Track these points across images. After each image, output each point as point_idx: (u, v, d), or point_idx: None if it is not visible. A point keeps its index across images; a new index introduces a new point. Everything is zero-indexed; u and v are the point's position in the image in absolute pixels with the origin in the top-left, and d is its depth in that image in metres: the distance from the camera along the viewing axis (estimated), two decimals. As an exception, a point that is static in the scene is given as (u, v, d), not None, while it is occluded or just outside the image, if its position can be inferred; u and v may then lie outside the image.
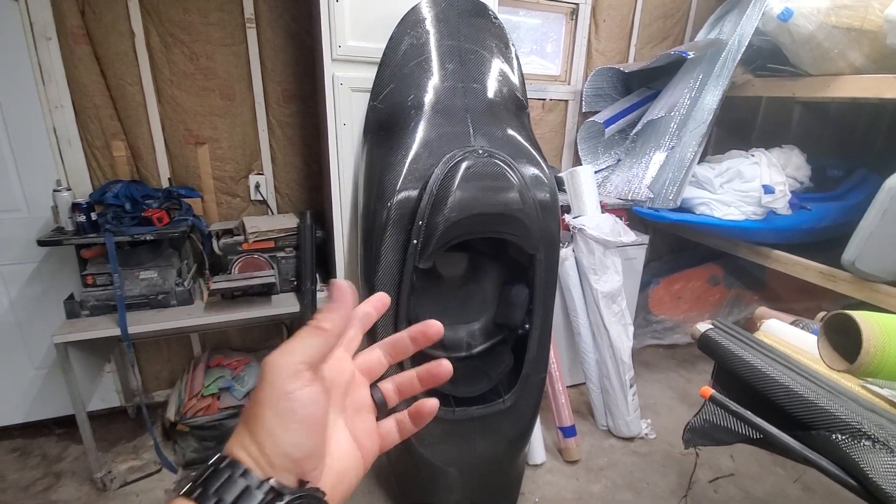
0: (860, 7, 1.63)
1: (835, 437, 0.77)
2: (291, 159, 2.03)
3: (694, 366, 2.54)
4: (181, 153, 1.86)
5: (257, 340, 2.21)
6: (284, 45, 1.87)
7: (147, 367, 2.05)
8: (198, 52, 1.77)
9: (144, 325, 1.55)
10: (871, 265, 1.70)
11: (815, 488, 1.72)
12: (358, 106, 1.48)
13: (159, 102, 1.77)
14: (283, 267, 1.81)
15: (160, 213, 1.64)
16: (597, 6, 2.33)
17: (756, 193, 2.03)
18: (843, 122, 2.96)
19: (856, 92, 1.78)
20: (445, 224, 1.21)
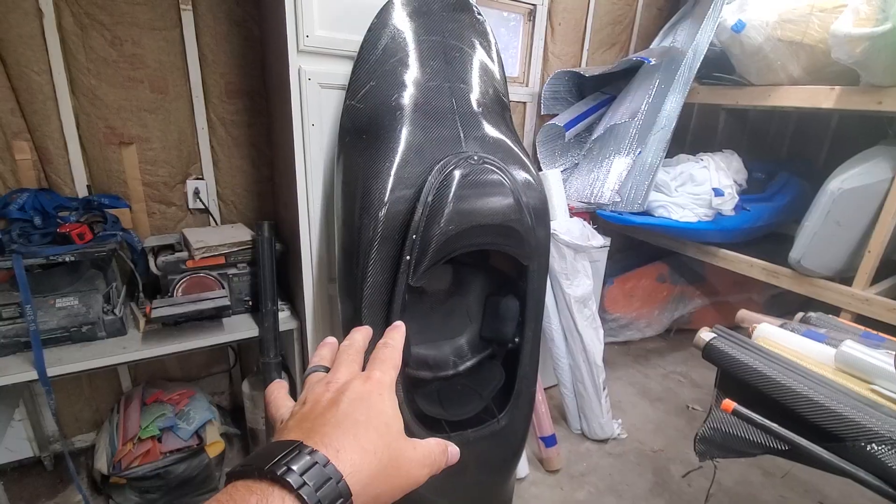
0: (802, 22, 1.75)
1: (871, 447, 0.78)
2: (237, 162, 1.80)
3: (648, 360, 2.65)
4: (102, 155, 1.57)
5: (200, 367, 1.95)
6: (228, 33, 1.65)
7: (65, 408, 1.72)
8: (121, 35, 1.50)
9: (67, 365, 1.28)
10: (815, 263, 1.84)
11: (773, 473, 1.84)
12: (329, 104, 1.32)
13: (73, 94, 1.47)
14: (236, 286, 1.59)
15: (81, 229, 1.36)
16: (553, 9, 2.33)
17: (707, 196, 2.14)
18: (758, 128, 3.26)
19: (795, 101, 1.93)
20: (442, 238, 1.11)
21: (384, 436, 0.33)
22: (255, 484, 0.27)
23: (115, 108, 1.54)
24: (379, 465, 0.31)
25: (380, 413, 0.34)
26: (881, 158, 1.75)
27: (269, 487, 0.26)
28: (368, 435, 0.32)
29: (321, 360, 0.41)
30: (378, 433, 0.32)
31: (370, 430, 0.32)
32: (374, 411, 0.33)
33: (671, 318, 2.78)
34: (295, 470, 0.27)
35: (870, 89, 1.70)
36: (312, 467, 0.27)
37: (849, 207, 1.74)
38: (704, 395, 2.34)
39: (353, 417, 0.32)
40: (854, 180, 1.72)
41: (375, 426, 0.33)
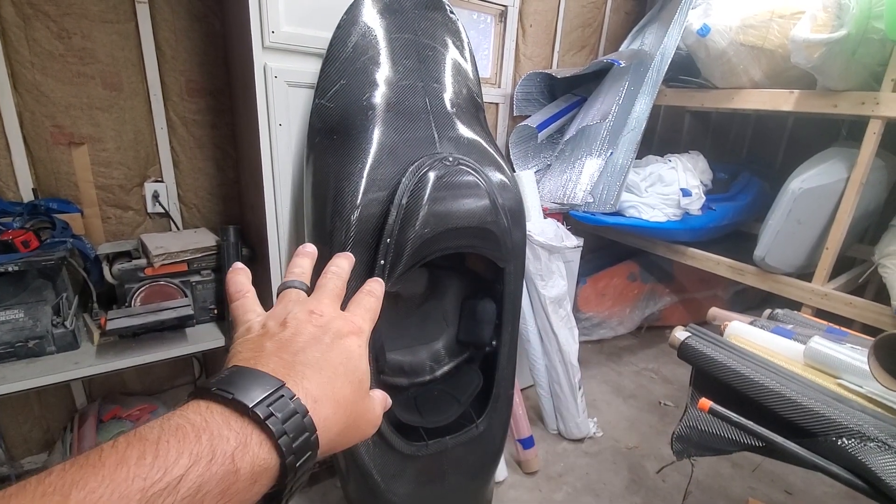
0: (763, 28, 1.81)
1: (841, 442, 0.80)
2: (200, 164, 1.71)
3: (621, 358, 2.69)
4: (49, 156, 1.46)
5: (162, 380, 1.84)
6: (188, 28, 1.56)
7: (11, 429, 1.59)
8: (69, 28, 1.40)
9: (12, 384, 1.18)
10: (778, 260, 1.91)
11: (742, 465, 1.89)
12: (296, 103, 1.27)
13: (15, 91, 1.36)
14: (200, 293, 1.51)
15: (25, 236, 1.26)
16: (524, 11, 2.33)
17: (675, 196, 2.19)
18: (720, 130, 3.37)
19: (756, 104, 1.99)
20: (418, 241, 1.08)
21: (356, 392, 0.32)
22: (234, 418, 0.26)
23: (64, 105, 1.44)
24: (346, 422, 0.31)
25: (356, 366, 0.33)
26: (837, 159, 1.82)
27: (249, 428, 0.25)
28: (344, 389, 0.31)
29: (300, 274, 0.40)
30: (352, 388, 0.32)
31: (346, 383, 0.32)
32: (352, 362, 0.33)
33: (642, 315, 2.84)
34: (278, 417, 0.26)
35: (826, 93, 1.77)
36: (293, 417, 0.27)
37: (809, 206, 1.81)
38: (676, 390, 2.39)
39: (334, 364, 0.32)
40: (813, 180, 1.78)
41: (351, 380, 0.32)
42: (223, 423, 0.25)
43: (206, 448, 0.24)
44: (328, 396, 0.30)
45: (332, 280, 0.39)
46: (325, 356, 0.32)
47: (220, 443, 0.24)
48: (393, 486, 1.24)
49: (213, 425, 0.25)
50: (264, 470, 0.25)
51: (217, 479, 0.23)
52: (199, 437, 0.24)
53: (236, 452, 0.24)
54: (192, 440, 0.24)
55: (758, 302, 3.25)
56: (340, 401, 0.31)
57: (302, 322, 0.33)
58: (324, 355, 0.32)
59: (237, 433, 0.25)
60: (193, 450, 0.23)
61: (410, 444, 1.24)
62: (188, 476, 0.22)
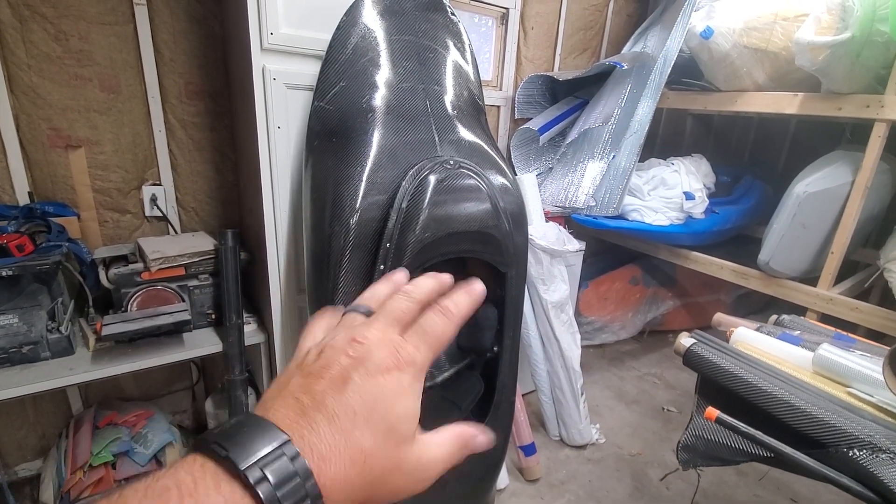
0: (766, 30, 1.79)
1: (852, 453, 0.77)
2: (199, 167, 1.70)
3: (623, 363, 2.66)
4: (45, 159, 1.45)
5: (159, 385, 1.83)
6: (187, 30, 1.55)
7: (6, 436, 1.57)
8: (67, 30, 1.39)
9: (5, 390, 1.16)
10: (782, 264, 1.88)
11: (748, 473, 1.86)
12: (295, 105, 1.26)
13: (11, 93, 1.35)
14: (198, 298, 1.50)
15: (21, 240, 1.24)
16: (525, 13, 2.32)
17: (678, 200, 2.17)
18: (722, 133, 3.36)
19: (760, 107, 1.98)
20: (418, 246, 1.06)
21: (384, 441, 0.27)
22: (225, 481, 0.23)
23: (61, 108, 1.42)
24: (370, 480, 0.27)
25: (389, 408, 0.28)
26: (842, 163, 1.81)
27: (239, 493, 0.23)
28: (364, 440, 0.26)
29: (370, 299, 0.34)
30: (376, 437, 0.27)
31: (368, 431, 0.27)
32: (382, 404, 0.27)
33: (644, 320, 2.81)
34: (271, 481, 0.23)
35: (830, 96, 1.76)
36: (291, 481, 0.23)
37: (813, 210, 1.79)
38: (679, 396, 2.37)
39: (354, 409, 0.27)
40: (818, 184, 1.76)
41: (377, 427, 0.27)
42: (213, 487, 0.23)
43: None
44: (340, 451, 0.26)
45: (399, 301, 0.32)
46: (347, 398, 0.27)
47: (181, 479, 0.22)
48: (392, 494, 1.22)
49: (201, 489, 0.22)
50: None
51: None
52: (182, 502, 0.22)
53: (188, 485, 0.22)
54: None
55: (761, 306, 3.22)
56: (357, 456, 0.26)
57: (336, 352, 0.29)
58: (345, 402, 0.27)
59: (225, 500, 0.22)
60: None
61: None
62: None
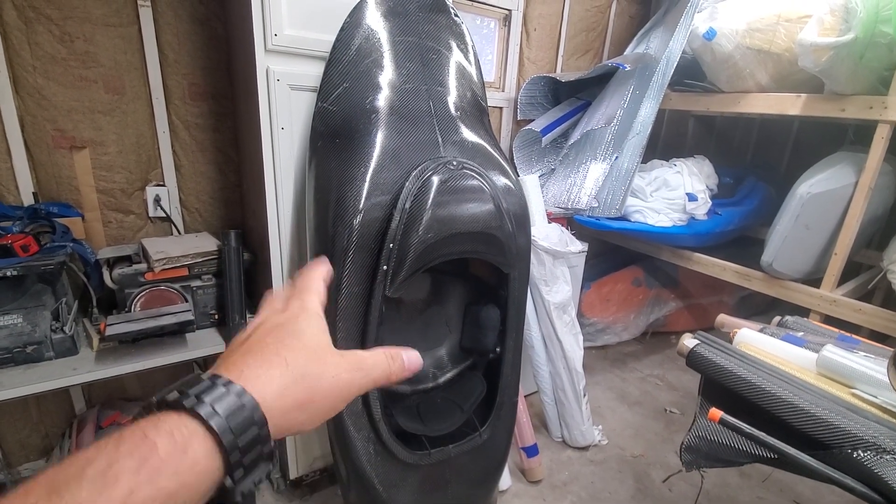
0: (769, 31, 1.79)
1: (857, 454, 0.77)
2: (202, 168, 1.70)
3: (625, 364, 2.66)
4: (50, 160, 1.45)
5: (162, 386, 1.80)
6: (191, 32, 1.56)
7: (9, 435, 1.57)
8: (72, 31, 1.39)
9: (9, 390, 1.16)
10: (785, 265, 1.88)
11: (751, 475, 1.85)
12: (299, 107, 1.26)
13: (17, 94, 1.36)
14: (201, 298, 1.50)
15: (25, 240, 1.25)
16: (528, 15, 2.33)
17: (681, 201, 2.17)
18: (724, 134, 3.35)
19: (762, 108, 1.97)
20: (421, 246, 1.06)
21: (296, 348, 0.32)
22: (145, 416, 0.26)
23: (65, 109, 1.43)
24: (293, 374, 0.30)
25: (293, 333, 0.33)
26: (845, 163, 1.80)
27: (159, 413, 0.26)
28: (278, 350, 0.31)
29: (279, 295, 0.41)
30: (289, 347, 0.32)
31: (280, 346, 0.32)
32: (285, 332, 0.33)
33: (647, 321, 2.81)
34: (186, 391, 0.26)
35: (833, 97, 1.76)
36: (197, 384, 0.27)
37: (816, 211, 1.79)
38: (681, 397, 2.36)
39: (263, 342, 0.32)
40: (821, 185, 1.76)
41: (287, 343, 0.32)
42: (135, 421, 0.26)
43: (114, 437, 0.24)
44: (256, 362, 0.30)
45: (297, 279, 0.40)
46: (255, 341, 0.32)
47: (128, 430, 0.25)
48: (395, 495, 1.22)
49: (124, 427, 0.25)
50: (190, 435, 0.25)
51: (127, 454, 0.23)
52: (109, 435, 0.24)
53: (147, 429, 0.25)
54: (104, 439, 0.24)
55: (763, 308, 3.22)
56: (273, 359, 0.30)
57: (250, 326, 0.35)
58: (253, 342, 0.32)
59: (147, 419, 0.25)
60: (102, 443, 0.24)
61: (412, 453, 1.21)
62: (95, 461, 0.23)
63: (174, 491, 0.23)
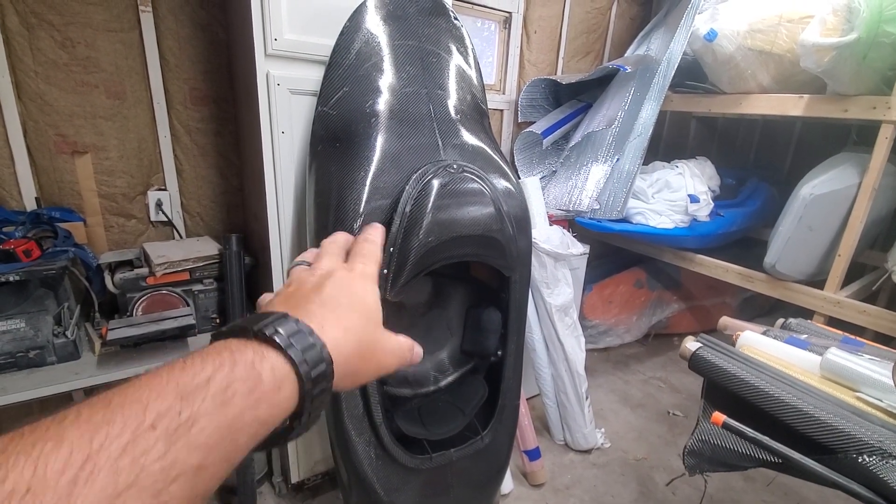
0: (771, 32, 1.79)
1: (862, 459, 0.76)
2: (203, 172, 1.70)
3: (628, 366, 2.65)
4: (52, 165, 1.46)
5: (164, 389, 1.82)
6: (192, 36, 1.56)
7: (9, 442, 1.57)
8: (73, 37, 1.40)
9: (12, 395, 1.17)
10: (788, 267, 1.87)
11: (755, 478, 1.84)
12: (299, 111, 1.26)
13: (19, 100, 1.37)
14: (202, 302, 1.50)
15: (27, 245, 1.25)
16: (528, 17, 2.33)
17: (683, 202, 2.16)
18: (726, 135, 3.34)
19: (764, 109, 1.97)
20: (422, 250, 1.06)
21: (364, 320, 0.35)
22: (248, 341, 0.29)
23: (67, 114, 1.43)
24: (358, 345, 0.34)
25: (362, 300, 0.36)
26: (848, 164, 1.79)
27: (264, 345, 0.29)
28: (350, 316, 0.34)
29: (304, 257, 0.43)
30: (359, 316, 0.35)
31: (352, 312, 0.35)
32: (356, 297, 0.36)
33: (649, 323, 2.80)
34: (282, 332, 0.29)
35: (836, 97, 1.75)
36: (297, 333, 0.30)
37: (820, 212, 1.78)
38: (684, 400, 2.35)
39: (337, 300, 0.35)
40: (824, 186, 1.75)
41: (357, 310, 0.35)
42: (239, 343, 0.28)
43: (228, 358, 0.27)
44: (334, 323, 0.33)
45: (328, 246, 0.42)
46: (330, 296, 0.35)
47: (239, 354, 0.28)
48: (396, 499, 1.21)
49: (231, 345, 0.28)
50: (284, 376, 0.28)
51: (241, 379, 0.26)
52: (219, 353, 0.27)
53: (255, 360, 0.28)
54: (213, 355, 0.27)
55: (767, 309, 3.20)
56: (348, 325, 0.33)
57: (303, 279, 0.37)
58: (328, 295, 0.35)
59: (253, 349, 0.28)
60: (216, 360, 0.27)
61: (414, 457, 1.21)
62: (215, 377, 0.26)
63: (265, 420, 0.27)
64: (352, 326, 0.34)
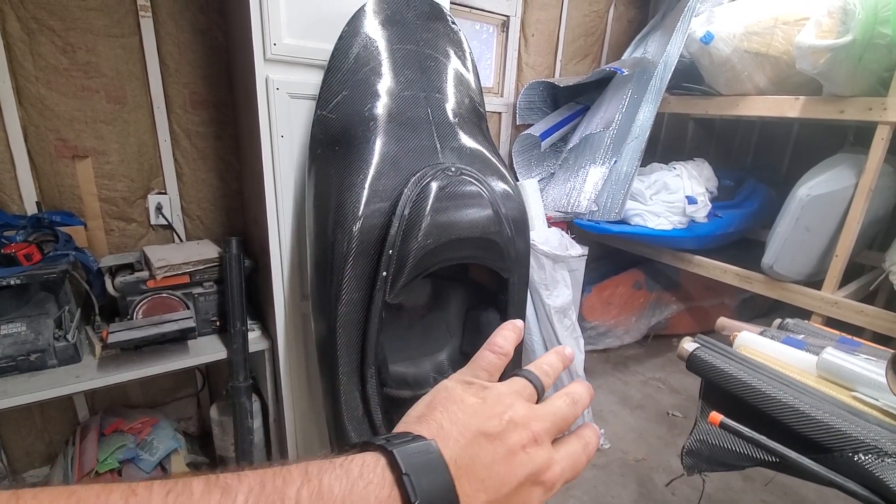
0: (767, 35, 1.80)
1: (858, 457, 0.77)
2: (203, 175, 1.71)
3: (627, 368, 2.65)
4: (53, 169, 1.47)
5: (164, 392, 1.83)
6: (192, 41, 1.58)
7: (13, 442, 1.58)
8: (74, 42, 1.41)
9: (13, 398, 1.17)
10: (786, 268, 1.88)
11: (754, 478, 1.84)
12: (298, 115, 1.27)
13: (20, 105, 1.38)
14: (202, 305, 1.51)
15: (28, 249, 1.26)
16: (525, 20, 2.34)
17: (681, 204, 2.17)
18: (724, 137, 3.35)
19: (761, 111, 1.98)
20: (420, 252, 1.07)
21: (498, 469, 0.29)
22: (383, 464, 0.27)
23: (68, 118, 1.44)
24: (487, 495, 0.28)
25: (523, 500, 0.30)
26: (845, 165, 1.80)
27: (383, 461, 0.27)
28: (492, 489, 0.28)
29: (545, 374, 0.36)
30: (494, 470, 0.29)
31: (490, 467, 0.29)
32: (523, 498, 0.29)
33: (648, 324, 2.80)
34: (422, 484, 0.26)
35: (832, 99, 1.76)
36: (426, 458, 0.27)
37: (817, 213, 1.79)
38: (684, 400, 2.35)
39: (507, 483, 0.29)
40: (821, 187, 1.76)
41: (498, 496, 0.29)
42: (370, 459, 0.27)
43: (362, 485, 0.26)
44: (471, 485, 0.28)
45: (566, 409, 0.33)
46: (503, 473, 0.29)
47: (375, 488, 0.26)
48: None
49: (363, 458, 0.27)
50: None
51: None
52: (361, 476, 0.26)
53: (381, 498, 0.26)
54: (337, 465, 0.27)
55: (765, 310, 3.21)
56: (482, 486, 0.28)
57: (519, 436, 0.30)
58: (503, 472, 0.29)
59: (373, 464, 0.27)
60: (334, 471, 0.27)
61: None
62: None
63: None
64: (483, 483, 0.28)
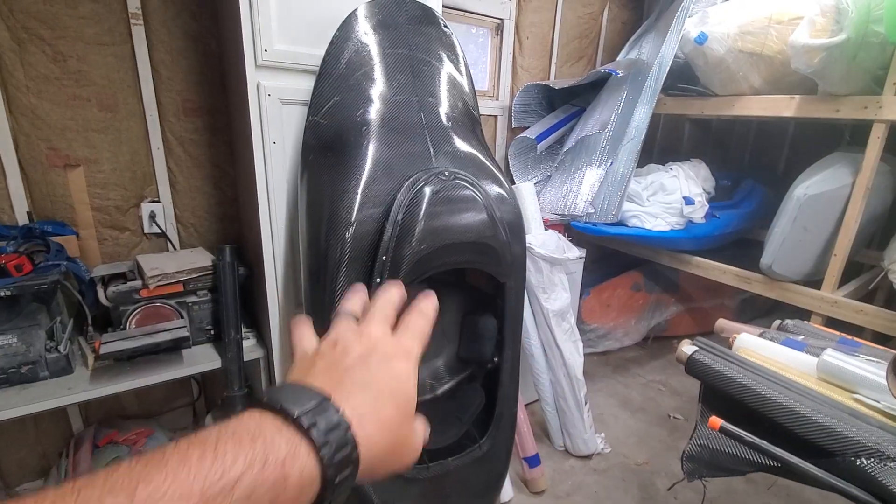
0: (761, 34, 1.79)
1: (860, 462, 0.76)
2: (197, 183, 1.70)
3: (627, 370, 2.64)
4: (45, 179, 1.46)
5: (160, 402, 1.82)
6: (184, 48, 1.57)
7: (7, 455, 1.56)
8: (65, 51, 1.40)
9: (4, 411, 1.16)
10: (785, 268, 1.87)
11: (757, 481, 1.83)
12: (290, 121, 1.26)
13: (10, 114, 1.36)
14: (196, 314, 1.49)
15: (19, 260, 1.25)
16: (520, 23, 2.34)
17: (678, 205, 2.16)
18: (721, 137, 3.35)
19: (757, 111, 1.97)
20: (414, 258, 1.06)
21: (401, 415, 0.33)
22: (284, 426, 0.27)
23: (59, 128, 1.43)
24: (389, 444, 0.31)
25: (403, 386, 0.33)
26: (842, 164, 1.80)
27: (298, 437, 0.27)
28: (388, 410, 0.32)
29: (352, 307, 0.40)
30: (397, 410, 0.32)
31: (391, 404, 0.32)
32: (398, 382, 0.33)
33: (648, 326, 2.79)
34: (321, 427, 0.27)
35: (827, 98, 1.75)
36: (335, 429, 0.28)
37: (814, 212, 1.78)
38: (685, 402, 2.34)
39: (381, 384, 0.32)
40: (818, 186, 1.75)
41: (397, 402, 0.32)
42: (275, 431, 0.26)
43: (260, 453, 0.25)
44: (373, 415, 0.30)
45: (383, 306, 0.39)
46: (373, 376, 0.32)
47: (272, 449, 0.25)
48: (394, 510, 1.20)
49: (266, 432, 0.26)
50: (310, 482, 0.26)
51: (268, 484, 0.24)
52: (253, 442, 0.25)
53: (287, 460, 0.26)
54: (247, 445, 0.25)
55: (765, 311, 3.19)
56: (385, 422, 0.31)
57: (351, 342, 0.35)
58: (371, 375, 0.32)
59: (288, 441, 0.26)
60: (248, 454, 0.25)
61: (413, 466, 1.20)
62: (243, 479, 0.24)
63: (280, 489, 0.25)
64: (388, 422, 0.31)
